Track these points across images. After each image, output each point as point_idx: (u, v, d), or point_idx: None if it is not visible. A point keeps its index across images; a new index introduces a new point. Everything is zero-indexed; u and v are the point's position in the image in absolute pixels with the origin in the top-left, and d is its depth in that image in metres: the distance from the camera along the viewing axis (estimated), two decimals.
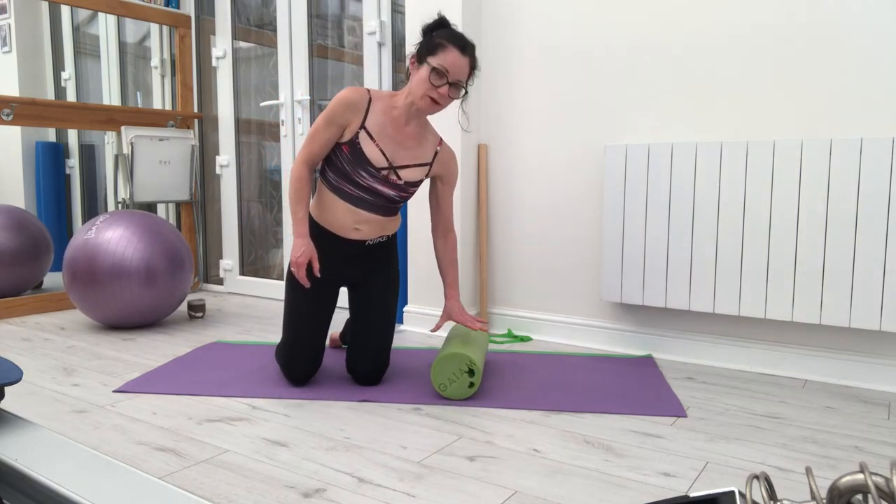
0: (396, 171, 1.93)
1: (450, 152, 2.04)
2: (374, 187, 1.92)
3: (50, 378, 2.11)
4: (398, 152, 1.93)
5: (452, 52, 1.82)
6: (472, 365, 1.87)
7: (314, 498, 1.31)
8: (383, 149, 1.91)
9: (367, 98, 1.90)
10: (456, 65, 1.83)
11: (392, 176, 1.93)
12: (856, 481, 0.73)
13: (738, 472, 1.44)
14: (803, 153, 2.01)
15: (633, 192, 2.30)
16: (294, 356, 2.01)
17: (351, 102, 1.88)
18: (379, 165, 1.90)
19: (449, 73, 1.82)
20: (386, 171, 1.91)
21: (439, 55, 1.82)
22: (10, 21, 4.49)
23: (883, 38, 1.97)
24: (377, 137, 1.90)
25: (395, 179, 1.93)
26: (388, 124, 1.91)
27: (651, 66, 2.35)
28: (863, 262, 1.95)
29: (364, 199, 1.94)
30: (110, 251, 2.64)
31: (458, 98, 1.89)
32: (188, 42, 3.80)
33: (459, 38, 1.85)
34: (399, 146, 1.93)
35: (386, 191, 1.94)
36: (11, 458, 0.93)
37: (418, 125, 1.96)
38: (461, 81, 1.86)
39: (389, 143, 1.92)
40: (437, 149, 2.00)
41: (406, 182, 1.95)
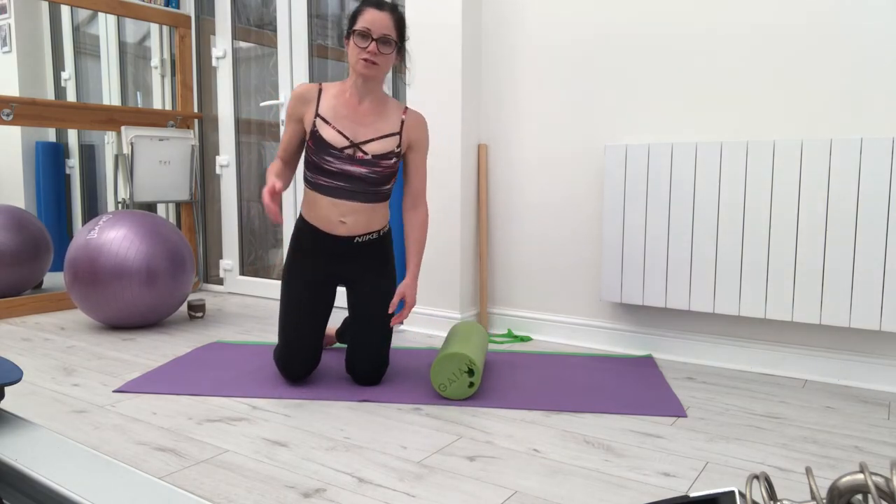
0: (360, 147, 1.94)
1: (418, 117, 2.03)
2: (343, 169, 1.93)
3: (50, 378, 2.11)
4: (358, 130, 1.95)
5: (369, 11, 1.87)
6: (472, 365, 1.87)
7: (314, 498, 1.31)
8: (341, 129, 1.94)
9: (317, 89, 1.98)
10: (375, 21, 1.86)
11: (357, 153, 1.94)
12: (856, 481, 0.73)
13: (738, 472, 1.44)
14: (803, 153, 2.01)
15: (633, 192, 2.30)
16: (291, 355, 2.01)
17: (300, 95, 1.96)
18: (340, 146, 1.93)
19: (371, 31, 1.86)
20: (349, 149, 1.93)
21: (358, 20, 1.88)
22: (10, 21, 4.49)
23: (883, 39, 1.97)
24: (333, 120, 1.94)
25: (362, 156, 1.94)
26: (341, 106, 1.96)
27: (651, 66, 2.35)
28: (863, 262, 1.95)
29: (341, 188, 1.94)
30: (112, 251, 2.64)
31: (391, 53, 1.91)
32: (188, 42, 3.80)
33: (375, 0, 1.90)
34: (357, 125, 1.95)
35: (356, 170, 1.94)
36: (11, 458, 0.93)
37: (374, 101, 1.97)
38: (387, 36, 1.88)
39: (347, 123, 1.95)
40: (403, 117, 2.01)
41: (374, 156, 1.94)
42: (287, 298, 2.02)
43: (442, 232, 2.70)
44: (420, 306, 2.80)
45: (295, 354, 2.01)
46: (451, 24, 2.60)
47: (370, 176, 1.95)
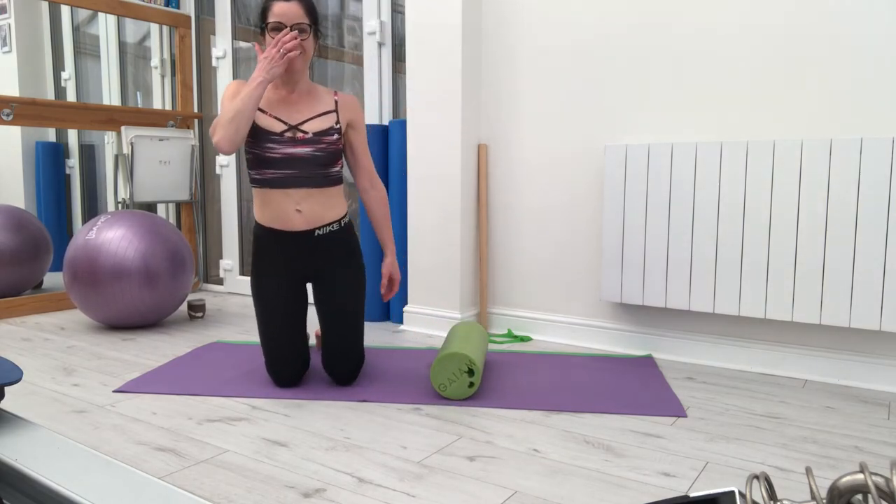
0: (298, 128, 1.95)
1: (350, 97, 2.07)
2: (287, 153, 1.93)
3: (50, 378, 2.11)
4: (293, 115, 1.96)
5: (277, 4, 1.88)
6: (472, 365, 1.87)
7: (314, 498, 1.31)
8: (276, 115, 1.95)
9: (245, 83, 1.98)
10: (285, 12, 1.87)
11: (298, 134, 1.94)
12: (856, 481, 0.73)
13: (738, 472, 1.44)
14: (803, 153, 2.01)
15: (633, 192, 2.30)
16: (276, 360, 1.99)
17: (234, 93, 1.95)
18: (279, 130, 1.93)
19: (285, 21, 1.87)
20: (288, 132, 1.94)
21: (268, 15, 1.89)
22: (10, 21, 4.49)
23: (883, 38, 1.97)
24: (268, 109, 1.95)
25: (302, 136, 1.94)
26: (272, 98, 1.97)
27: (651, 66, 2.35)
28: (863, 262, 1.95)
29: (290, 175, 1.93)
30: (111, 251, 2.64)
31: (308, 39, 1.92)
32: (188, 42, 3.80)
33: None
34: (292, 109, 1.97)
35: (300, 150, 1.93)
36: (11, 458, 0.93)
37: (303, 89, 2.00)
38: (302, 24, 1.89)
39: (281, 109, 1.96)
40: (336, 98, 2.03)
41: (315, 133, 1.95)
42: (261, 308, 1.99)
43: (442, 232, 2.70)
44: (420, 306, 2.80)
45: (282, 361, 1.99)
46: (451, 24, 2.60)
47: (316, 154, 1.94)
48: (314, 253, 1.98)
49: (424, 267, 2.76)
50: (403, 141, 2.84)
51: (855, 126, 2.03)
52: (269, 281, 1.98)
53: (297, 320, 2.01)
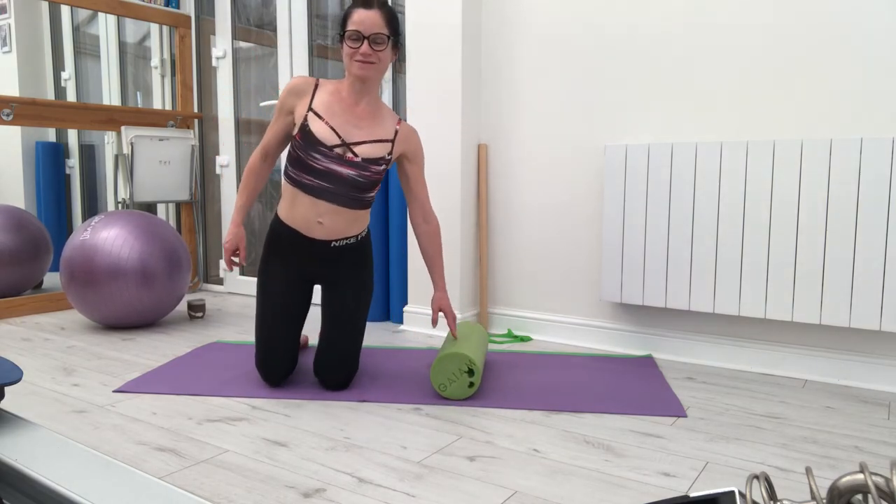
0: (351, 147, 1.90)
1: (411, 128, 2.02)
2: (331, 169, 1.89)
3: (50, 378, 2.11)
4: (351, 130, 1.91)
5: (358, 12, 1.84)
6: (472, 365, 1.87)
7: (314, 498, 1.31)
8: (333, 126, 1.89)
9: (314, 83, 1.94)
10: (364, 20, 1.83)
11: (347, 154, 1.89)
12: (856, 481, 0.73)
13: (738, 472, 1.44)
14: (803, 153, 2.01)
15: (633, 192, 2.30)
16: (267, 356, 1.99)
17: (296, 87, 1.93)
18: (330, 143, 1.88)
19: (362, 31, 1.83)
20: (339, 148, 1.89)
21: (348, 22, 1.85)
22: (10, 21, 4.49)
23: (883, 38, 1.97)
24: (326, 116, 1.90)
25: (352, 157, 1.89)
26: (335, 104, 1.92)
27: (651, 66, 2.35)
28: (863, 262, 1.95)
29: (325, 189, 1.90)
30: (107, 251, 2.64)
31: (385, 49, 1.88)
32: (188, 42, 3.80)
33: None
34: (351, 125, 1.91)
35: (344, 171, 1.89)
36: (11, 458, 0.93)
37: (370, 104, 1.94)
38: (379, 34, 1.85)
39: (340, 121, 1.90)
40: (397, 127, 1.99)
41: (364, 159, 1.90)
42: (263, 300, 1.99)
43: (442, 232, 2.70)
44: (420, 306, 2.80)
45: (274, 356, 1.98)
46: (451, 24, 2.60)
47: (357, 179, 1.91)
48: (327, 259, 1.99)
49: (424, 267, 2.76)
50: None
51: (855, 126, 2.03)
52: (277, 275, 1.98)
53: (297, 319, 2.01)
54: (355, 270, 2.01)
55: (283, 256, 1.99)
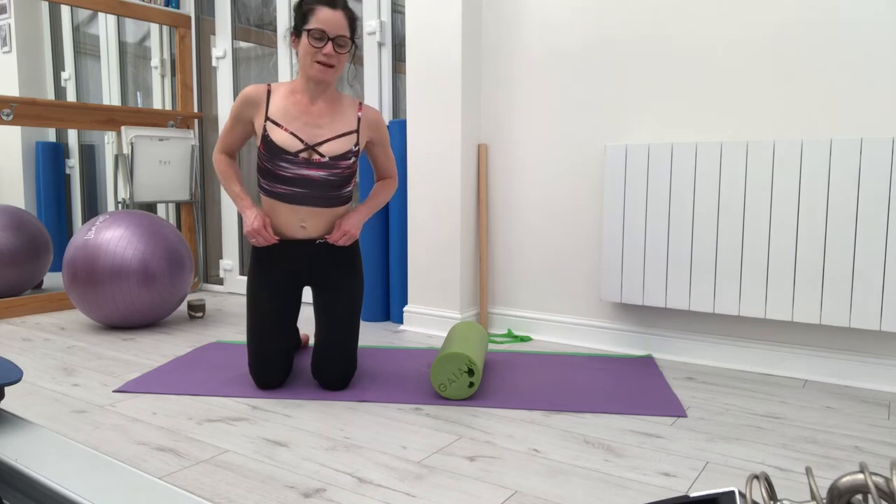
0: (315, 149, 1.88)
1: (373, 111, 1.99)
2: (300, 174, 1.87)
3: (50, 378, 2.11)
4: (312, 131, 1.89)
5: (323, 10, 1.81)
6: (472, 364, 1.87)
7: (314, 498, 1.31)
8: (293, 131, 1.87)
9: (266, 90, 1.91)
10: (330, 21, 1.81)
11: (314, 156, 1.88)
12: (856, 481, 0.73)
13: (738, 472, 1.44)
14: (803, 153, 2.01)
15: (633, 192, 2.30)
16: (260, 364, 1.97)
17: (248, 98, 1.91)
18: (294, 149, 1.86)
19: (327, 31, 1.81)
20: (304, 152, 1.87)
21: (311, 19, 1.82)
22: (10, 21, 4.49)
23: (883, 38, 1.97)
24: (284, 122, 1.88)
25: (318, 158, 1.88)
26: (291, 107, 1.89)
27: (651, 66, 2.35)
28: (863, 262, 1.95)
29: (300, 194, 1.89)
30: (110, 251, 2.64)
31: (346, 53, 1.87)
32: (188, 42, 3.80)
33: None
34: (311, 126, 1.89)
35: (314, 173, 1.88)
36: (11, 458, 0.93)
37: (327, 100, 1.92)
38: (342, 36, 1.83)
39: (299, 125, 1.88)
40: (359, 114, 1.96)
41: (332, 157, 1.88)
42: (254, 308, 1.97)
43: (442, 232, 2.70)
44: (420, 306, 2.80)
45: (269, 363, 1.97)
46: (451, 24, 2.60)
47: (329, 178, 1.90)
48: (314, 259, 1.98)
49: (424, 267, 2.76)
50: (403, 141, 2.84)
51: (855, 126, 2.03)
52: (265, 283, 1.97)
53: (288, 324, 2.00)
54: (344, 269, 2.00)
55: (269, 264, 1.97)
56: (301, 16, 1.84)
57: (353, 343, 2.00)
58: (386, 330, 2.82)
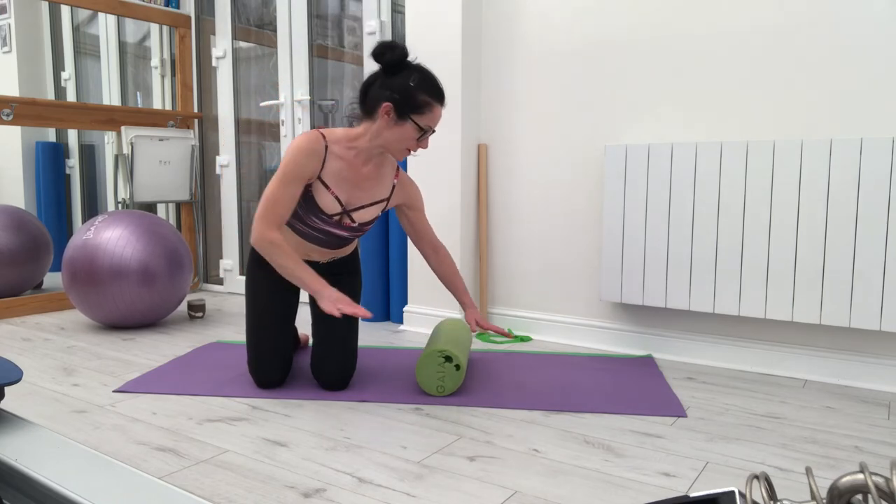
0: (350, 214, 1.90)
1: (407, 180, 2.01)
2: (325, 229, 1.91)
3: (50, 378, 2.11)
4: (353, 194, 1.89)
5: (438, 109, 1.80)
6: (444, 352, 1.88)
7: (314, 498, 1.31)
8: (338, 195, 1.86)
9: (324, 144, 1.81)
10: (437, 118, 1.82)
11: (345, 220, 1.91)
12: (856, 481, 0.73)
13: (738, 472, 1.44)
14: (803, 153, 2.01)
15: (633, 192, 2.30)
16: (260, 363, 1.97)
17: (311, 151, 1.78)
18: (332, 212, 1.87)
19: (434, 127, 1.84)
20: (339, 216, 1.89)
21: (426, 115, 1.78)
22: (10, 21, 4.49)
23: (883, 38, 1.97)
24: (332, 186, 1.85)
25: (349, 223, 1.91)
26: (344, 168, 1.85)
27: (651, 66, 2.35)
28: (863, 262, 1.95)
29: (315, 237, 1.93)
30: (109, 251, 2.64)
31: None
32: (188, 42, 3.80)
33: (438, 90, 1.80)
34: (355, 188, 1.88)
35: (338, 232, 1.93)
36: (11, 458, 0.93)
37: (376, 163, 1.92)
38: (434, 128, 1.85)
39: (345, 187, 1.86)
40: (395, 182, 1.98)
41: (360, 223, 1.94)
42: (253, 308, 1.98)
43: (442, 232, 2.70)
44: (420, 306, 2.80)
45: (269, 361, 1.97)
46: (451, 24, 2.60)
47: (348, 237, 1.96)
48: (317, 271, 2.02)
49: (424, 267, 2.76)
50: None
51: (855, 126, 2.03)
52: (264, 284, 1.97)
53: (287, 323, 2.00)
54: (345, 277, 2.05)
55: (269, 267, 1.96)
56: (413, 102, 1.76)
57: (353, 341, 2.01)
58: (386, 330, 2.82)
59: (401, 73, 1.76)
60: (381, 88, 1.78)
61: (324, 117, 3.39)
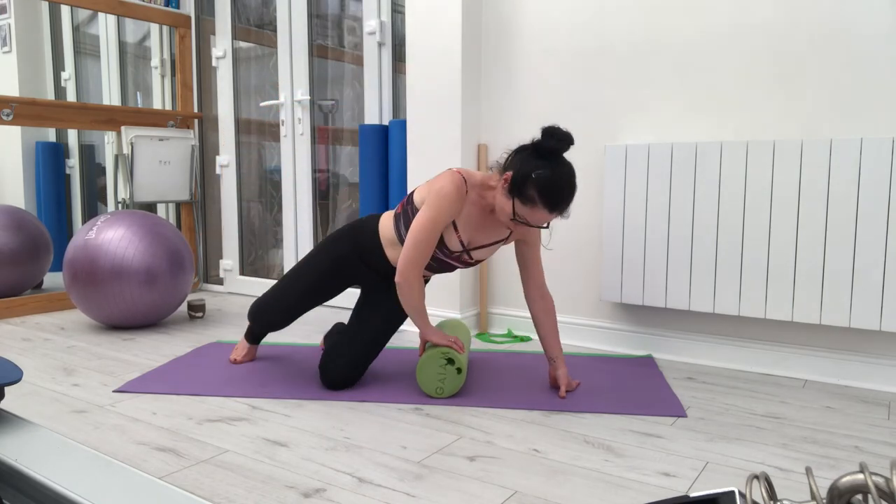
0: (469, 252, 1.95)
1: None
2: (444, 261, 1.97)
3: (50, 378, 2.11)
4: (476, 236, 1.94)
5: (541, 212, 1.75)
6: (447, 354, 1.88)
7: (314, 498, 1.31)
8: (462, 238, 1.91)
9: (465, 189, 1.85)
10: (540, 220, 1.77)
11: (465, 256, 1.96)
12: (856, 481, 0.73)
13: (738, 472, 1.44)
14: (803, 153, 2.01)
15: (633, 192, 2.30)
16: (270, 306, 2.10)
17: (459, 199, 1.84)
18: (454, 249, 1.93)
19: (530, 222, 1.79)
20: (459, 252, 1.94)
21: (526, 208, 1.75)
22: (10, 21, 4.49)
23: (883, 39, 1.97)
24: (461, 229, 1.90)
25: (467, 259, 1.97)
26: (474, 213, 1.90)
27: (651, 66, 2.35)
28: (863, 262, 1.95)
29: (430, 266, 1.99)
30: (111, 251, 2.64)
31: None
32: (188, 42, 3.80)
33: (552, 197, 1.73)
34: (478, 231, 1.93)
35: (454, 264, 1.99)
36: (11, 458, 0.93)
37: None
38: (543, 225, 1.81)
39: (470, 230, 1.91)
40: None
41: (476, 260, 2.00)
42: (298, 269, 2.07)
43: None
44: None
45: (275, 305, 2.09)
46: (451, 25, 2.60)
47: (461, 268, 2.05)
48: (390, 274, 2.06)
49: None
50: (403, 141, 2.84)
51: (855, 126, 2.03)
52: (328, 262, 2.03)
53: (315, 295, 2.06)
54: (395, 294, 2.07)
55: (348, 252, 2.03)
56: (523, 190, 1.74)
57: (366, 345, 2.00)
58: None
59: (546, 160, 1.75)
60: (520, 157, 1.78)
61: (324, 117, 3.39)
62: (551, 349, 2.00)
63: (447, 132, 2.65)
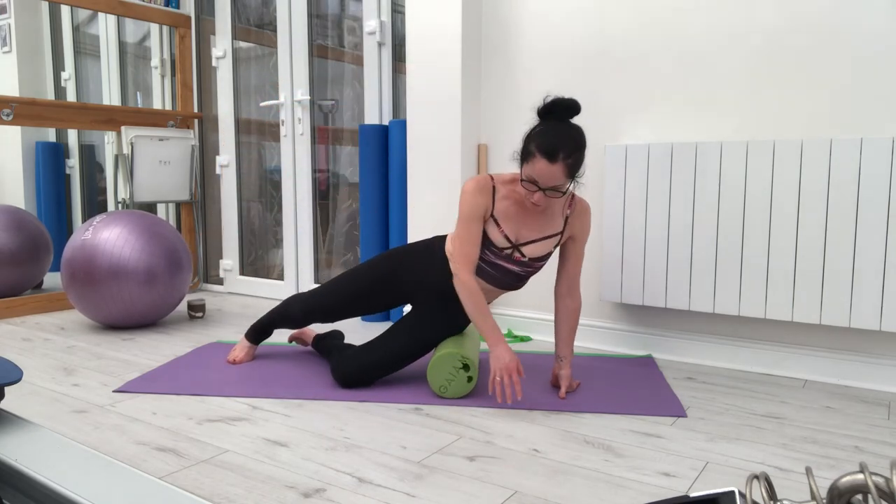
0: (520, 248, 1.92)
1: (582, 206, 1.95)
2: (498, 264, 1.93)
3: (50, 378, 2.11)
4: (521, 231, 1.90)
5: (540, 162, 1.73)
6: (466, 360, 1.88)
7: (314, 498, 1.31)
8: (506, 231, 1.89)
9: (491, 184, 1.88)
10: (544, 174, 1.73)
11: (515, 254, 1.92)
12: (856, 481, 0.73)
13: (738, 472, 1.44)
14: (803, 153, 2.01)
15: (633, 193, 2.30)
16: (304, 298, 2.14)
17: (480, 189, 1.86)
18: (501, 246, 1.91)
19: (541, 183, 1.75)
20: (509, 249, 1.91)
21: (528, 164, 1.76)
22: (10, 21, 4.49)
23: (883, 38, 1.97)
24: (502, 223, 1.89)
25: (519, 257, 1.92)
26: (511, 206, 1.89)
27: (651, 66, 2.35)
28: (863, 262, 1.95)
29: (488, 273, 1.95)
30: (108, 251, 2.64)
31: (561, 195, 1.79)
32: (188, 42, 3.80)
33: (548, 143, 1.72)
34: (522, 225, 1.90)
35: (510, 267, 1.94)
36: (11, 458, 0.93)
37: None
38: (557, 186, 1.76)
39: (513, 224, 1.90)
40: (568, 211, 1.93)
41: (531, 258, 1.92)
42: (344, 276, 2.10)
43: (442, 232, 2.69)
44: None
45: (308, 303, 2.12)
46: (451, 25, 2.60)
47: (520, 273, 1.96)
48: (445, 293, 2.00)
49: None
50: (403, 141, 2.84)
51: (855, 126, 2.03)
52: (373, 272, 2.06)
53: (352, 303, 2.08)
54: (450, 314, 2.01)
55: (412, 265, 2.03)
56: (524, 151, 1.78)
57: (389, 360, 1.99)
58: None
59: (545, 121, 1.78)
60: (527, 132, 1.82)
61: (324, 117, 3.39)
62: (563, 348, 1.99)
63: (447, 132, 2.65)
